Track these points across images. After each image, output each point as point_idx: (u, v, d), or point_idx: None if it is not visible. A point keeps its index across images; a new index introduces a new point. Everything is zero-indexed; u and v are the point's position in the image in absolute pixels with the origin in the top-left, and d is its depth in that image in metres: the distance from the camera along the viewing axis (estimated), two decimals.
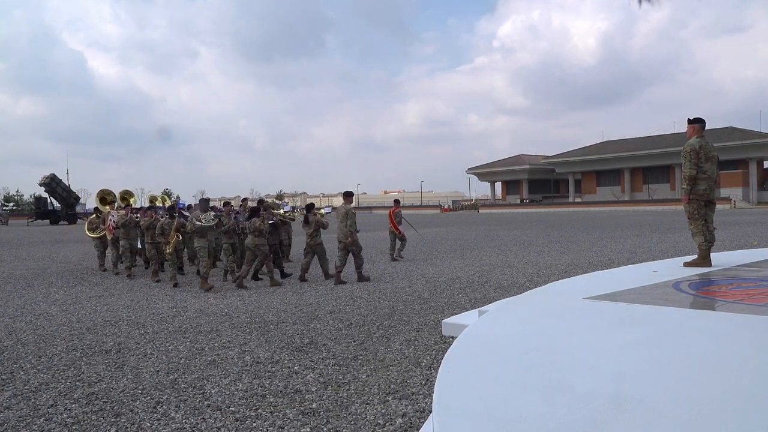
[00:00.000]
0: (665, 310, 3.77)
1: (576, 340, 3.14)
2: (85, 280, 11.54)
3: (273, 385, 4.32)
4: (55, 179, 56.73)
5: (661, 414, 1.97)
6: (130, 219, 11.80)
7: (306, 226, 10.28)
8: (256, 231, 9.75)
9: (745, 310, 3.74)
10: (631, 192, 74.38)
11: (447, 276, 10.35)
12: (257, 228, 9.77)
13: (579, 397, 2.16)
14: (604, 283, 5.13)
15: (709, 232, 6.26)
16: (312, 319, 6.76)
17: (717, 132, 60.21)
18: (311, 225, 10.21)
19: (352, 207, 10.27)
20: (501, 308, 4.48)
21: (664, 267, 6.29)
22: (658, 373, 2.46)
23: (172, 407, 3.96)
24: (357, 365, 4.79)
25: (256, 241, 9.77)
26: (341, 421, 3.59)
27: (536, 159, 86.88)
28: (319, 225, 10.22)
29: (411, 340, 5.61)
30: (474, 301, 7.51)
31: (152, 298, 8.85)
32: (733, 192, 61.20)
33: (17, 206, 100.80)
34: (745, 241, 15.89)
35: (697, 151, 6.13)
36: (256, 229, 9.77)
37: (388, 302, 7.79)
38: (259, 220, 9.91)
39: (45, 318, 7.45)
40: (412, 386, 4.19)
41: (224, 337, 5.98)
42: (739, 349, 2.86)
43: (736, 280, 5.18)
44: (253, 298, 8.53)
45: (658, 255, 12.52)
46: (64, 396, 4.28)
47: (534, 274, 10.30)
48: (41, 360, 5.34)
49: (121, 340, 6.04)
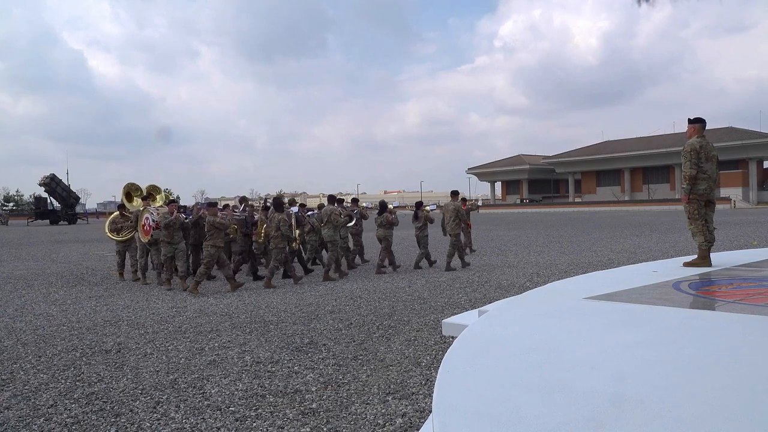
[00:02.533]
0: (665, 310, 3.77)
1: (576, 340, 3.14)
2: (84, 280, 11.54)
3: (273, 385, 4.32)
4: (55, 179, 56.76)
5: (660, 414, 1.97)
6: (176, 218, 9.89)
7: (416, 221, 11.71)
8: (389, 224, 11.35)
9: (745, 310, 3.74)
10: (630, 192, 74.39)
11: (447, 276, 10.35)
12: (390, 222, 11.38)
13: (579, 397, 2.16)
14: (604, 283, 5.13)
15: (709, 232, 6.26)
16: (312, 319, 6.76)
17: (717, 132, 60.22)
18: (420, 220, 11.63)
19: (459, 204, 11.53)
20: (501, 308, 4.48)
21: (663, 267, 6.29)
22: (657, 373, 2.46)
23: (172, 407, 3.96)
24: (357, 365, 4.79)
25: (386, 233, 11.28)
26: (341, 421, 3.59)
27: (536, 159, 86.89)
28: (427, 220, 11.57)
29: (411, 340, 5.61)
30: (474, 301, 7.51)
31: (152, 298, 8.85)
32: (733, 192, 61.24)
33: (17, 206, 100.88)
34: (745, 241, 15.89)
35: (697, 150, 6.13)
36: (389, 223, 11.35)
37: (388, 302, 7.79)
38: (391, 215, 11.50)
39: (45, 318, 7.45)
40: (412, 386, 4.19)
41: (224, 337, 5.98)
42: (738, 349, 2.86)
43: (736, 280, 5.18)
44: (253, 298, 8.53)
45: (657, 255, 12.52)
46: (64, 396, 4.28)
47: (534, 274, 10.30)
48: (41, 360, 5.34)
49: (121, 340, 6.04)
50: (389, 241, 11.38)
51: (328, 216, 10.46)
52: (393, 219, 11.47)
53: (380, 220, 11.44)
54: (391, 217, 11.46)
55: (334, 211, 10.51)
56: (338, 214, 10.56)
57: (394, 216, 11.59)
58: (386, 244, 11.32)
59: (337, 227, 10.46)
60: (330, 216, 10.43)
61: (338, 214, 10.56)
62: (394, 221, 11.48)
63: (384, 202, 12.09)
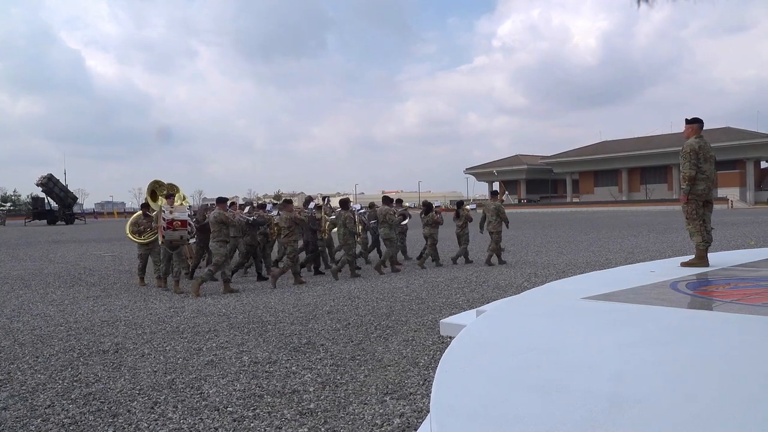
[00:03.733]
0: (662, 310, 3.77)
1: (573, 340, 3.15)
2: (82, 280, 11.52)
3: (271, 386, 4.32)
4: (53, 179, 56.71)
5: (658, 414, 1.97)
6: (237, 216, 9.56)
7: (457, 219, 12.61)
8: (435, 223, 12.10)
9: (743, 310, 3.75)
10: (628, 192, 74.51)
11: (445, 276, 10.36)
12: (436, 221, 12.11)
13: (576, 397, 2.16)
14: (601, 283, 5.13)
15: (707, 232, 6.27)
16: (310, 320, 6.76)
17: (714, 132, 60.34)
18: (461, 218, 12.49)
19: (500, 204, 12.34)
20: (499, 308, 4.48)
21: (661, 267, 6.29)
22: (655, 373, 2.47)
23: (170, 407, 3.95)
24: (355, 365, 4.79)
25: (432, 231, 12.09)
26: (339, 422, 3.59)
27: (534, 159, 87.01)
28: (467, 219, 12.49)
29: (409, 340, 5.61)
30: (472, 301, 7.52)
31: (150, 299, 8.84)
32: (731, 192, 61.35)
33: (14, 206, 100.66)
34: (743, 241, 15.92)
35: (696, 151, 6.14)
36: (434, 222, 12.10)
37: (386, 302, 7.78)
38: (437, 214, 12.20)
39: (42, 318, 7.44)
40: (410, 386, 4.19)
41: (222, 338, 5.98)
42: (736, 350, 2.86)
43: (733, 280, 5.19)
44: (251, 299, 8.53)
45: (655, 255, 12.54)
46: (62, 396, 4.27)
47: (532, 274, 10.31)
48: (38, 360, 5.33)
49: (119, 340, 6.03)
50: (435, 239, 12.18)
51: (384, 215, 11.23)
52: (438, 218, 12.22)
53: (426, 219, 12.25)
54: (437, 217, 12.22)
55: (389, 211, 11.28)
56: (393, 213, 11.33)
57: (440, 215, 12.38)
58: (432, 241, 12.16)
59: (392, 226, 11.23)
60: (386, 216, 11.20)
61: (393, 213, 11.33)
62: (439, 220, 12.23)
63: (429, 203, 12.88)
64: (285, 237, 9.91)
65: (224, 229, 9.18)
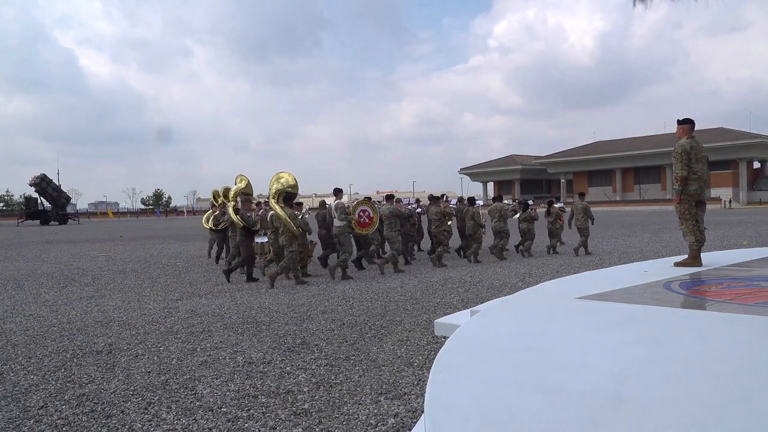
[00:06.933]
0: (656, 310, 3.79)
1: (568, 339, 3.16)
2: (75, 280, 11.46)
3: (265, 386, 4.31)
4: (46, 179, 56.46)
5: (652, 413, 1.98)
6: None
7: (548, 216, 14.46)
8: (531, 219, 13.80)
9: (736, 310, 3.77)
10: (622, 192, 74.81)
11: (439, 276, 10.37)
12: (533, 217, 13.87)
13: (571, 397, 2.17)
14: (595, 283, 5.15)
15: (700, 232, 6.31)
16: (304, 320, 6.75)
17: (707, 132, 60.66)
18: (552, 215, 14.41)
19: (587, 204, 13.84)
20: (493, 308, 4.49)
21: (654, 267, 6.33)
22: (649, 372, 2.48)
23: (164, 408, 3.94)
24: (349, 365, 4.78)
25: (529, 226, 13.75)
26: (333, 422, 3.59)
27: (528, 159, 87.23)
28: (558, 216, 14.56)
29: (403, 340, 5.61)
30: (466, 301, 7.52)
31: (143, 299, 8.81)
32: (723, 192, 61.67)
33: (7, 206, 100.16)
34: (735, 241, 16.00)
35: (688, 151, 6.18)
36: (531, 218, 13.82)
37: (381, 302, 7.78)
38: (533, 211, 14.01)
39: (35, 319, 7.40)
40: (404, 386, 4.19)
41: (216, 338, 5.96)
42: (729, 349, 2.88)
43: (726, 279, 5.22)
44: (245, 299, 8.51)
45: (648, 255, 12.59)
46: (55, 397, 4.25)
47: (526, 274, 10.34)
48: (31, 361, 5.30)
49: (112, 341, 6.01)
50: (532, 233, 13.89)
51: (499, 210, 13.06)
52: (535, 215, 13.94)
53: (524, 215, 13.89)
54: (533, 213, 13.95)
55: (503, 207, 13.40)
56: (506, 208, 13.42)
57: (535, 212, 14.11)
58: (530, 235, 13.80)
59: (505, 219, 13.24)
60: (501, 210, 13.14)
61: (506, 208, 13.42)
62: (535, 216, 13.95)
63: (527, 201, 14.84)
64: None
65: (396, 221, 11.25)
